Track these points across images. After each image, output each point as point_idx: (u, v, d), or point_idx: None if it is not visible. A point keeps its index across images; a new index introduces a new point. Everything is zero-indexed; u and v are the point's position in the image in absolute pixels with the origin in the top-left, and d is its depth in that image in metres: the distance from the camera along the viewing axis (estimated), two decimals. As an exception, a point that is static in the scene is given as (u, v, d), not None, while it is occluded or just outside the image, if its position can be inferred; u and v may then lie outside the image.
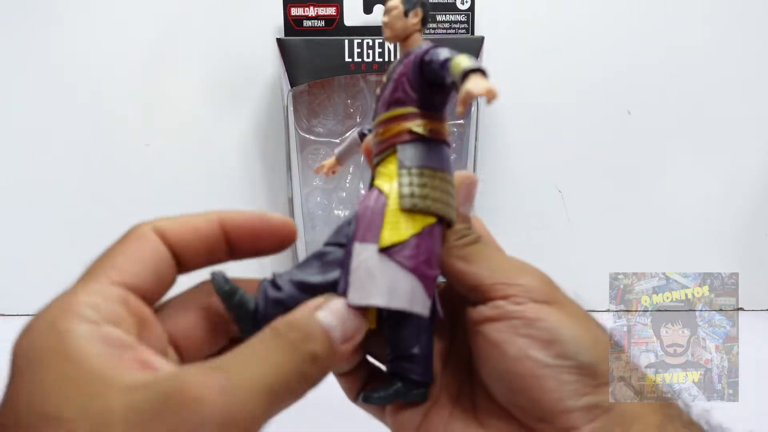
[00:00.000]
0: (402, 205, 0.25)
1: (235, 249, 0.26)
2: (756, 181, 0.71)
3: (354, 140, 0.34)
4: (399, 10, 0.28)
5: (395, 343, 0.27)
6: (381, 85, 0.28)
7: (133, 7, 0.66)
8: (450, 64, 0.25)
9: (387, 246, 0.25)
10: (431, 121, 0.27)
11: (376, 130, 0.28)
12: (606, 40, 0.68)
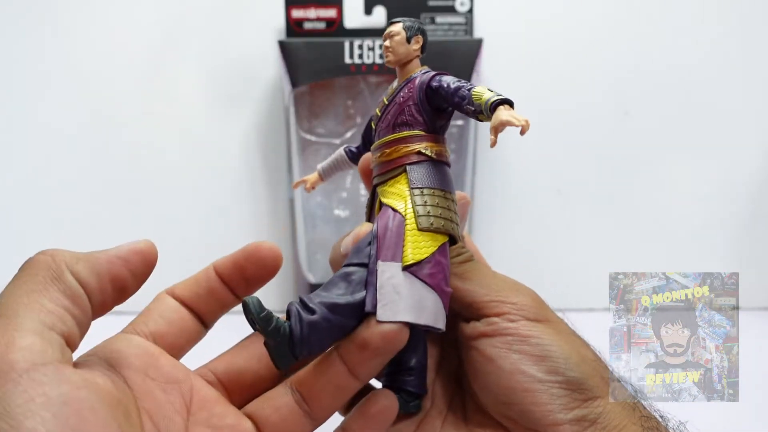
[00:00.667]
0: (419, 224, 0.27)
1: (234, 289, 0.28)
2: (755, 180, 0.71)
3: (341, 157, 0.35)
4: (402, 36, 0.29)
5: (395, 357, 0.27)
6: (381, 107, 0.30)
7: (134, 9, 0.66)
8: (468, 95, 0.26)
9: (410, 264, 0.26)
10: (436, 143, 0.28)
11: (381, 150, 0.29)
12: (604, 41, 0.68)
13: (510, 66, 0.68)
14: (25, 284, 0.22)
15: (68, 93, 0.68)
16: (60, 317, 0.21)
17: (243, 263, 0.28)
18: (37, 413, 0.18)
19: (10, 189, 0.69)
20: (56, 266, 0.22)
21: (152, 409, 0.23)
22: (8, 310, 0.21)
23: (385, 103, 0.30)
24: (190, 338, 0.27)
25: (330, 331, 0.25)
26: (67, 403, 0.19)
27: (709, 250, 0.72)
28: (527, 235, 0.72)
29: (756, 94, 0.69)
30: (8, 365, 0.19)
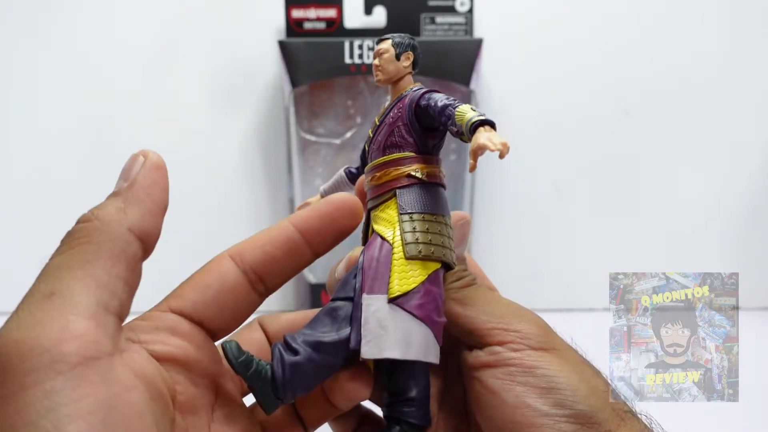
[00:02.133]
0: (407, 252, 0.25)
1: (315, 247, 0.27)
2: (755, 180, 0.71)
3: (341, 178, 0.33)
4: (390, 54, 0.28)
5: (393, 387, 0.27)
6: (373, 128, 0.28)
7: (135, 9, 0.66)
8: (453, 113, 0.25)
9: (396, 296, 0.25)
10: (428, 164, 0.27)
11: (372, 174, 0.28)
12: (604, 41, 0.68)
13: (510, 66, 0.68)
14: (78, 254, 0.21)
15: (68, 92, 0.68)
16: (114, 291, 0.20)
17: (334, 215, 0.26)
18: (83, 417, 0.17)
19: (11, 189, 0.69)
20: (107, 228, 0.21)
21: (183, 402, 0.23)
22: (62, 285, 0.19)
23: (376, 123, 0.28)
24: (232, 314, 0.25)
25: (315, 372, 0.24)
26: (114, 408, 0.18)
27: (709, 250, 0.72)
28: (527, 235, 0.72)
29: (756, 93, 0.69)
30: (60, 356, 0.18)
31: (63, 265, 0.20)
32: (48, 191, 0.70)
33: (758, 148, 0.70)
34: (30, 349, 0.17)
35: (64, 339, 0.18)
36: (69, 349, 0.18)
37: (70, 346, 0.18)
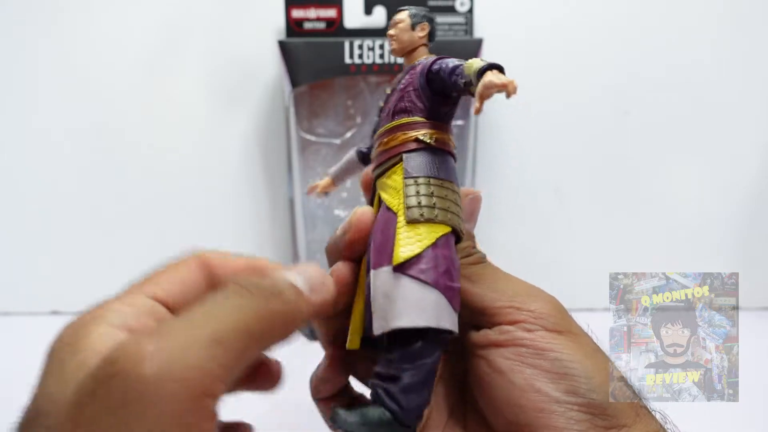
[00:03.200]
0: (408, 216, 0.24)
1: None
2: (755, 180, 0.71)
3: (352, 159, 0.32)
4: (406, 23, 0.28)
5: (385, 365, 0.24)
6: (385, 97, 0.28)
7: (135, 9, 0.66)
8: (462, 67, 0.25)
9: (401, 263, 0.23)
10: (438, 131, 0.26)
11: (380, 140, 0.27)
12: (604, 41, 0.68)
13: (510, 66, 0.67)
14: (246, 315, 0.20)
15: (68, 93, 0.68)
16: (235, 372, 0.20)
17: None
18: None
19: (10, 189, 0.69)
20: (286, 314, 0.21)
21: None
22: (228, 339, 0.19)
23: (387, 93, 0.28)
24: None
25: (423, 380, 0.23)
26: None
27: (709, 250, 0.72)
28: (527, 234, 0.72)
29: (756, 93, 0.69)
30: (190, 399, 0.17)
31: (232, 315, 0.19)
32: (48, 191, 0.69)
33: (758, 148, 0.70)
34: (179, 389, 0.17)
35: (212, 386, 0.18)
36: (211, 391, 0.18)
37: (213, 390, 0.18)
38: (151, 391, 0.17)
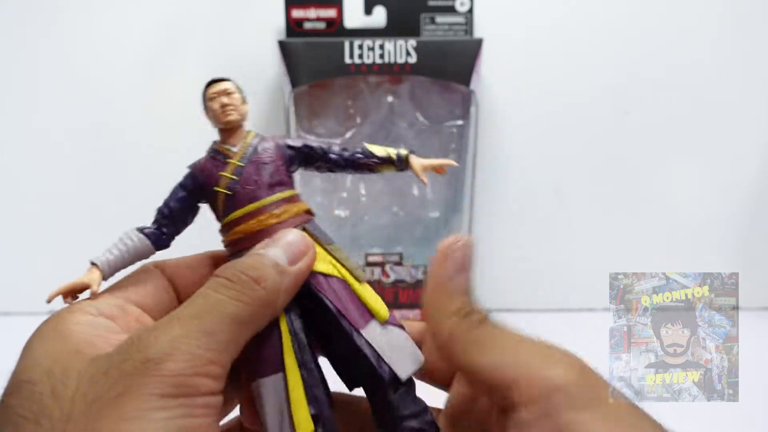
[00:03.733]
0: (358, 277, 0.26)
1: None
2: (755, 180, 0.71)
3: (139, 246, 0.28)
4: (239, 95, 0.29)
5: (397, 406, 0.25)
6: (231, 170, 0.27)
7: (135, 9, 0.66)
8: (365, 148, 0.28)
9: (386, 318, 0.26)
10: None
11: (256, 217, 0.26)
12: (605, 41, 0.68)
13: (510, 66, 0.68)
14: (232, 310, 0.22)
15: (68, 94, 0.68)
16: (234, 354, 0.22)
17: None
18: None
19: (10, 189, 0.69)
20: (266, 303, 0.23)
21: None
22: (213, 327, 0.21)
23: (237, 164, 0.27)
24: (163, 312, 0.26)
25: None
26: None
27: (709, 250, 0.72)
28: (527, 234, 0.72)
29: (756, 93, 0.69)
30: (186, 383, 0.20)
31: (225, 309, 0.22)
32: (48, 191, 0.70)
33: (758, 148, 0.70)
34: (177, 371, 0.20)
35: (207, 376, 0.20)
36: (206, 383, 0.20)
37: (208, 382, 0.20)
38: (152, 369, 0.19)
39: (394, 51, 0.59)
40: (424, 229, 0.68)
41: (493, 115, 0.68)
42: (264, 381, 0.24)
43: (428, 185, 0.67)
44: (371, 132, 0.66)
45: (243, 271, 0.23)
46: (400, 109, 0.65)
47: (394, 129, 0.66)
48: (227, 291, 0.22)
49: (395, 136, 0.66)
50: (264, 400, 0.24)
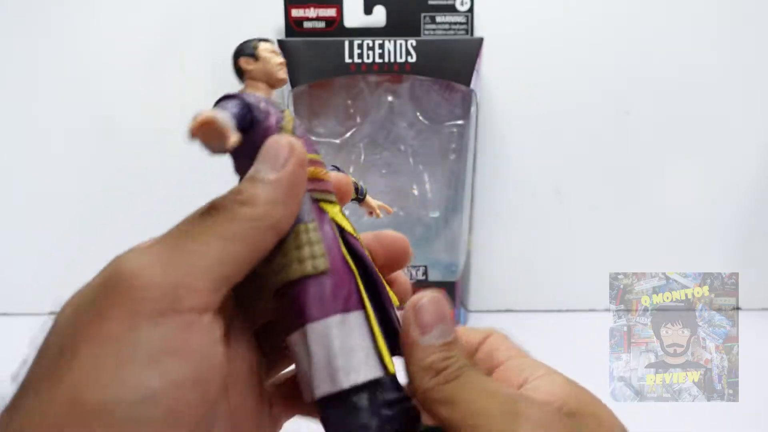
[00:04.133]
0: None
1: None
2: (755, 181, 0.71)
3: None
4: None
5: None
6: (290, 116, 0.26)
7: (135, 9, 0.66)
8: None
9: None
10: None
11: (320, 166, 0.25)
12: (605, 41, 0.68)
13: (510, 66, 0.68)
14: (226, 227, 0.21)
15: (68, 93, 0.68)
16: (239, 271, 0.21)
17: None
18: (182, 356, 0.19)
19: (10, 189, 0.69)
20: (258, 218, 0.22)
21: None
22: (204, 247, 0.21)
23: (292, 117, 0.26)
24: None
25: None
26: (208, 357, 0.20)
27: (709, 250, 0.72)
28: (527, 234, 0.71)
29: (756, 94, 0.69)
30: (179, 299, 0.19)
31: (209, 229, 0.21)
32: (48, 191, 0.69)
33: (758, 148, 0.70)
34: (155, 283, 0.19)
35: (187, 287, 0.20)
36: (188, 296, 0.20)
37: (190, 296, 0.20)
38: (124, 288, 0.19)
39: (394, 50, 0.59)
40: (424, 229, 0.68)
41: (493, 115, 0.68)
42: (337, 318, 0.22)
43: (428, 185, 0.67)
44: (371, 132, 0.66)
45: (226, 195, 0.23)
46: (400, 109, 0.65)
47: (394, 129, 0.66)
48: (210, 211, 0.22)
49: (395, 136, 0.66)
50: (342, 338, 0.22)
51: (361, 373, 0.21)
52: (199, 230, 0.21)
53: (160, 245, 0.21)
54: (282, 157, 0.23)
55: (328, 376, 0.21)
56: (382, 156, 0.67)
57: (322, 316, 0.22)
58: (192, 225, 0.22)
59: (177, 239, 0.21)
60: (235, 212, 0.22)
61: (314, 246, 0.23)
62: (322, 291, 0.22)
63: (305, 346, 0.22)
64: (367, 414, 0.21)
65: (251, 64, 0.26)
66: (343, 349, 0.22)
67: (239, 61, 0.26)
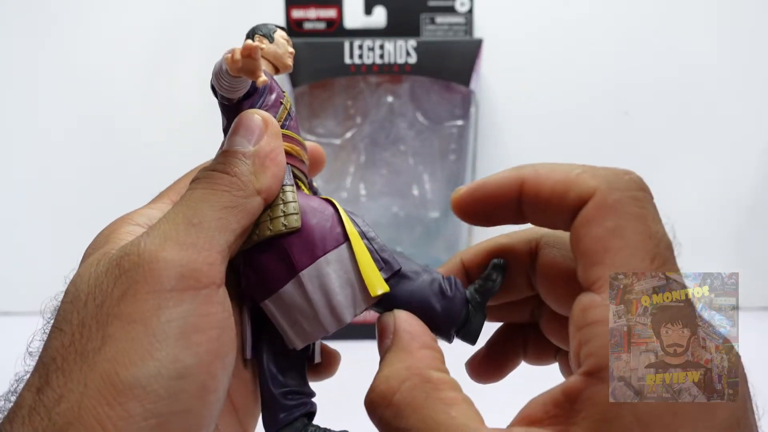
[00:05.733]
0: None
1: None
2: (755, 181, 0.71)
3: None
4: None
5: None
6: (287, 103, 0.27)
7: (135, 9, 0.66)
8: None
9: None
10: None
11: (304, 149, 0.27)
12: (604, 42, 0.68)
13: (510, 66, 0.68)
14: (218, 198, 0.22)
15: (68, 93, 0.68)
16: (236, 238, 0.22)
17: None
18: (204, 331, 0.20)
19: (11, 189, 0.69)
20: (244, 186, 0.23)
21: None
22: (205, 220, 0.21)
23: (290, 102, 0.27)
24: None
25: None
26: (226, 329, 0.21)
27: (708, 250, 0.72)
28: (527, 235, 0.71)
29: (756, 94, 0.69)
30: (196, 276, 0.20)
31: (206, 201, 0.22)
32: (48, 191, 0.70)
33: (758, 149, 0.70)
34: (174, 262, 0.20)
35: (203, 263, 0.20)
36: (205, 272, 0.20)
37: (207, 271, 0.20)
38: (146, 269, 0.20)
39: (394, 51, 0.59)
40: (424, 229, 0.68)
41: (493, 115, 0.68)
42: (323, 259, 0.23)
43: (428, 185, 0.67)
44: (371, 132, 0.66)
45: (211, 168, 0.24)
46: (400, 109, 0.65)
47: (394, 129, 0.66)
48: (202, 185, 0.23)
49: (395, 136, 0.66)
50: (328, 282, 0.23)
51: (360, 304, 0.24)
52: (195, 204, 0.22)
53: (166, 223, 0.21)
54: (259, 129, 0.24)
55: (331, 315, 0.23)
56: (382, 156, 0.67)
57: (311, 261, 0.23)
58: (188, 197, 0.23)
59: (178, 213, 0.22)
60: (225, 181, 0.23)
61: (288, 204, 0.24)
62: (305, 239, 0.24)
63: (302, 294, 0.23)
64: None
65: (265, 44, 0.26)
66: (339, 284, 0.23)
67: (254, 37, 0.26)
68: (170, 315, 0.19)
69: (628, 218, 0.22)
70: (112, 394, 0.18)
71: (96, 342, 0.19)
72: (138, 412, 0.18)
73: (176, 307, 0.19)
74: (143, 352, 0.19)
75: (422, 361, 0.21)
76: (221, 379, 0.20)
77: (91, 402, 0.18)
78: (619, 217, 0.22)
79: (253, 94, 0.25)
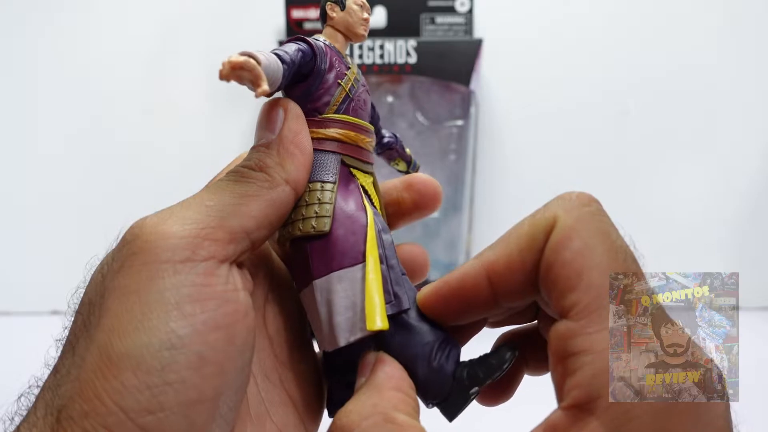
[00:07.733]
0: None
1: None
2: (755, 180, 0.71)
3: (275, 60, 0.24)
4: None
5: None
6: (353, 80, 0.26)
7: (135, 9, 0.66)
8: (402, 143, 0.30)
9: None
10: None
11: (368, 135, 0.26)
12: (604, 41, 0.68)
13: (510, 66, 0.68)
14: (242, 187, 0.22)
15: (68, 94, 0.68)
16: (259, 226, 0.22)
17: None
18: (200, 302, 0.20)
19: (11, 189, 0.69)
20: (271, 179, 0.23)
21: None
22: (220, 203, 0.21)
23: (356, 77, 0.25)
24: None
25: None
26: (228, 302, 0.21)
27: (709, 250, 0.72)
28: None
29: (756, 94, 0.69)
30: (195, 249, 0.20)
31: (227, 189, 0.22)
32: (48, 191, 0.69)
33: (758, 148, 0.70)
34: (172, 234, 0.20)
35: (203, 238, 0.20)
36: (205, 246, 0.20)
37: (207, 246, 0.20)
38: (143, 240, 0.20)
39: (394, 51, 0.59)
40: (424, 229, 0.68)
41: (493, 115, 0.68)
42: (336, 274, 0.22)
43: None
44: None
45: (241, 166, 0.23)
46: (400, 109, 0.65)
47: (394, 129, 0.66)
48: (228, 177, 0.23)
49: (395, 136, 0.66)
50: (334, 298, 0.22)
51: (356, 332, 0.22)
52: (215, 190, 0.22)
53: (178, 204, 0.22)
54: (274, 120, 0.24)
55: (329, 333, 0.23)
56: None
57: (326, 273, 0.23)
58: (209, 187, 0.23)
59: (193, 199, 0.22)
60: (247, 175, 0.23)
61: (323, 206, 0.23)
62: (325, 248, 0.23)
63: (313, 301, 0.23)
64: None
65: (336, 12, 0.25)
66: (344, 305, 0.22)
67: (326, 5, 0.25)
68: (163, 285, 0.19)
69: (592, 235, 0.22)
70: (107, 366, 0.18)
71: (96, 316, 0.19)
72: (133, 383, 0.18)
73: (170, 277, 0.19)
74: (135, 323, 0.19)
75: (390, 401, 0.21)
76: (225, 351, 0.20)
77: (89, 375, 0.18)
78: (584, 236, 0.22)
79: (308, 77, 0.24)
